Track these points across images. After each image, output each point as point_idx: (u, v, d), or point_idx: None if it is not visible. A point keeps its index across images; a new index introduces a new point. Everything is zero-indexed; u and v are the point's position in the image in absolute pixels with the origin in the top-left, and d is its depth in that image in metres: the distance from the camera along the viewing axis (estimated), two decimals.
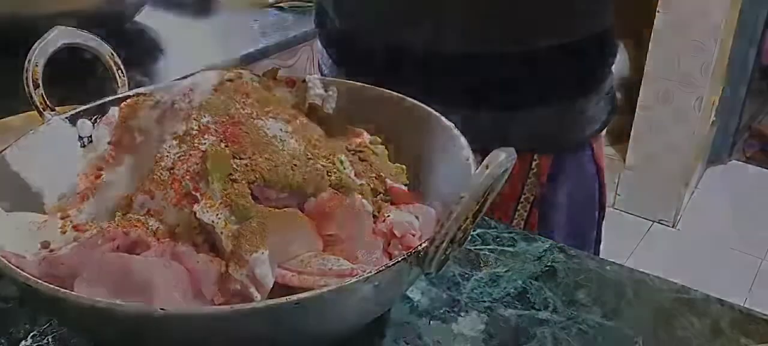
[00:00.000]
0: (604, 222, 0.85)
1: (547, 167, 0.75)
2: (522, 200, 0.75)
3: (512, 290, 0.55)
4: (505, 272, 0.57)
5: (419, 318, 0.52)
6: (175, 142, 0.45)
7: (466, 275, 0.56)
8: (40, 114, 0.54)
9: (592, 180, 0.80)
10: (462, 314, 0.52)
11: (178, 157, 0.44)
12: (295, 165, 0.44)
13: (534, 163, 0.74)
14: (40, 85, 0.53)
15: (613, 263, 0.59)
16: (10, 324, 0.51)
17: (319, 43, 0.83)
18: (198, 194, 0.42)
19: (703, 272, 2.17)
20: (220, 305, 0.40)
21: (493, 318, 0.52)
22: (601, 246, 0.85)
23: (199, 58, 1.15)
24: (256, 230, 0.41)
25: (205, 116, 0.46)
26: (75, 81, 0.98)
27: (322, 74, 0.83)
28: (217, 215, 0.41)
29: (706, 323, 0.52)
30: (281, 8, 1.40)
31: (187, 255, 0.40)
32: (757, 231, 2.40)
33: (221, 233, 0.41)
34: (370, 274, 0.37)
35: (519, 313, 0.53)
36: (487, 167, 0.37)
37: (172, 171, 0.44)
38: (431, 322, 0.52)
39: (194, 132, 0.44)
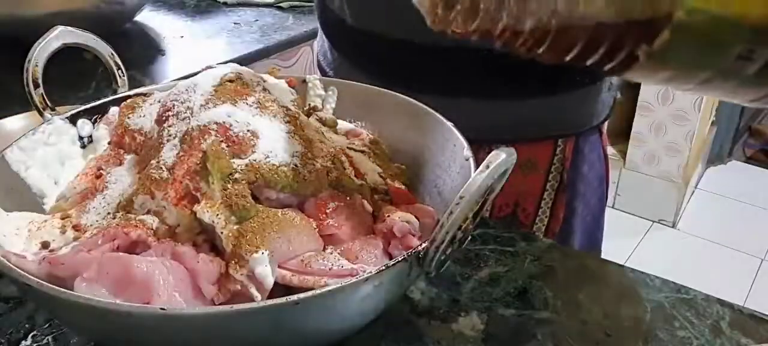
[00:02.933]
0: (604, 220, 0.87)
1: (570, 153, 0.76)
2: (547, 188, 0.77)
3: (512, 290, 0.55)
4: (505, 272, 0.57)
5: (419, 318, 0.52)
6: (175, 142, 0.45)
7: (466, 275, 0.56)
8: (40, 114, 0.54)
9: (602, 165, 0.83)
10: (462, 314, 0.52)
11: (178, 157, 0.44)
12: (296, 165, 0.44)
13: (558, 149, 0.76)
14: (40, 84, 0.53)
15: (613, 263, 0.59)
16: (10, 324, 0.51)
17: (320, 32, 0.83)
18: (198, 194, 0.42)
19: (703, 272, 2.17)
20: (220, 305, 0.40)
21: (493, 318, 0.52)
22: (604, 235, 0.87)
23: (199, 58, 1.15)
24: (256, 230, 0.41)
25: (205, 116, 0.46)
26: (75, 81, 0.98)
27: (321, 68, 0.83)
28: (218, 215, 0.41)
29: (706, 323, 0.52)
30: (281, 8, 1.40)
31: (188, 255, 0.40)
32: (757, 231, 2.40)
33: (221, 233, 0.41)
34: (370, 274, 0.37)
35: (519, 313, 0.53)
36: (487, 167, 0.37)
37: (172, 171, 0.44)
38: (431, 322, 0.52)
39: (194, 132, 0.44)
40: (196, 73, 0.51)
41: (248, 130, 0.45)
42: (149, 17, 1.31)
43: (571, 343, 0.50)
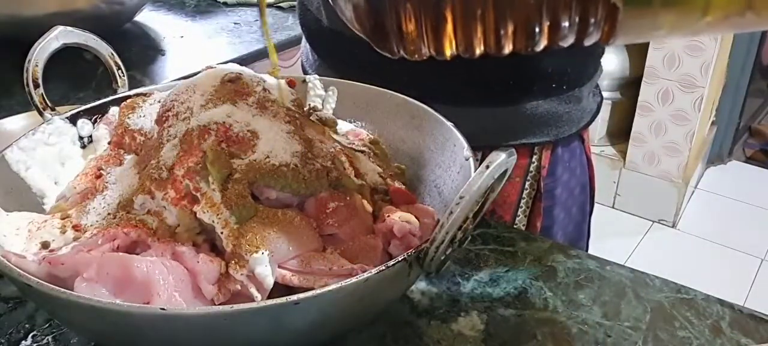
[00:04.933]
0: (598, 220, 0.85)
1: (548, 161, 0.75)
2: (523, 196, 0.76)
3: (512, 290, 0.55)
4: (505, 272, 0.57)
5: (419, 318, 0.52)
6: (175, 143, 0.45)
7: (466, 275, 0.56)
8: (40, 114, 0.54)
9: (584, 172, 0.81)
10: (462, 314, 0.52)
11: (178, 157, 0.44)
12: (296, 165, 0.44)
13: (534, 157, 0.75)
14: (40, 84, 0.53)
15: (613, 263, 0.59)
16: (10, 324, 0.51)
17: (303, 39, 0.83)
18: (198, 194, 0.42)
19: (703, 272, 2.17)
20: (220, 305, 0.40)
21: (493, 318, 0.52)
22: (590, 241, 0.86)
23: (199, 58, 1.15)
24: (256, 230, 0.41)
25: (205, 116, 0.46)
26: (75, 81, 0.98)
27: (304, 70, 0.82)
28: (218, 215, 0.41)
29: (706, 323, 0.52)
30: (281, 8, 1.40)
31: (188, 255, 0.40)
32: (757, 231, 2.40)
33: (221, 233, 0.41)
34: (370, 274, 0.37)
35: (519, 313, 0.53)
36: (487, 167, 0.37)
37: (172, 171, 0.44)
38: (431, 322, 0.52)
39: (194, 132, 0.44)
40: (196, 73, 0.51)
41: (248, 130, 0.45)
42: (149, 17, 1.31)
43: (571, 343, 0.50)
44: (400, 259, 0.38)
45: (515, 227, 0.76)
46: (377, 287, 0.38)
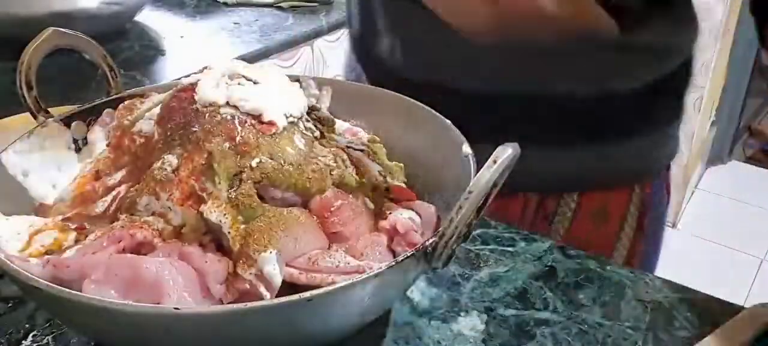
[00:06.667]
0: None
1: (645, 197, 0.73)
2: (622, 237, 0.73)
3: (512, 290, 0.55)
4: (505, 272, 0.57)
5: (419, 318, 0.52)
6: (178, 143, 0.45)
7: (466, 275, 0.56)
8: (34, 116, 0.53)
9: (666, 202, 0.80)
10: (462, 314, 0.52)
11: (183, 157, 0.44)
12: (300, 164, 0.44)
13: (634, 195, 0.73)
14: (34, 86, 0.53)
15: (613, 263, 0.59)
16: (10, 324, 0.51)
17: (352, 55, 0.80)
18: (204, 194, 0.42)
19: (703, 272, 2.17)
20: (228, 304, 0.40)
21: (493, 318, 0.52)
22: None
23: (199, 58, 1.15)
24: (263, 229, 0.41)
25: (209, 116, 0.45)
26: (76, 81, 0.98)
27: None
28: (225, 214, 0.41)
29: (706, 323, 0.52)
30: (281, 8, 1.40)
31: (195, 255, 0.40)
32: (757, 231, 2.40)
33: (229, 232, 0.41)
34: (380, 270, 0.37)
35: (519, 313, 0.53)
36: (494, 162, 0.37)
37: (177, 172, 0.43)
38: (431, 322, 0.52)
39: (199, 132, 0.44)
40: (196, 73, 0.51)
41: (252, 130, 0.45)
42: (149, 17, 1.31)
43: (571, 343, 0.50)
44: (409, 254, 0.38)
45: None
46: (387, 283, 0.38)
